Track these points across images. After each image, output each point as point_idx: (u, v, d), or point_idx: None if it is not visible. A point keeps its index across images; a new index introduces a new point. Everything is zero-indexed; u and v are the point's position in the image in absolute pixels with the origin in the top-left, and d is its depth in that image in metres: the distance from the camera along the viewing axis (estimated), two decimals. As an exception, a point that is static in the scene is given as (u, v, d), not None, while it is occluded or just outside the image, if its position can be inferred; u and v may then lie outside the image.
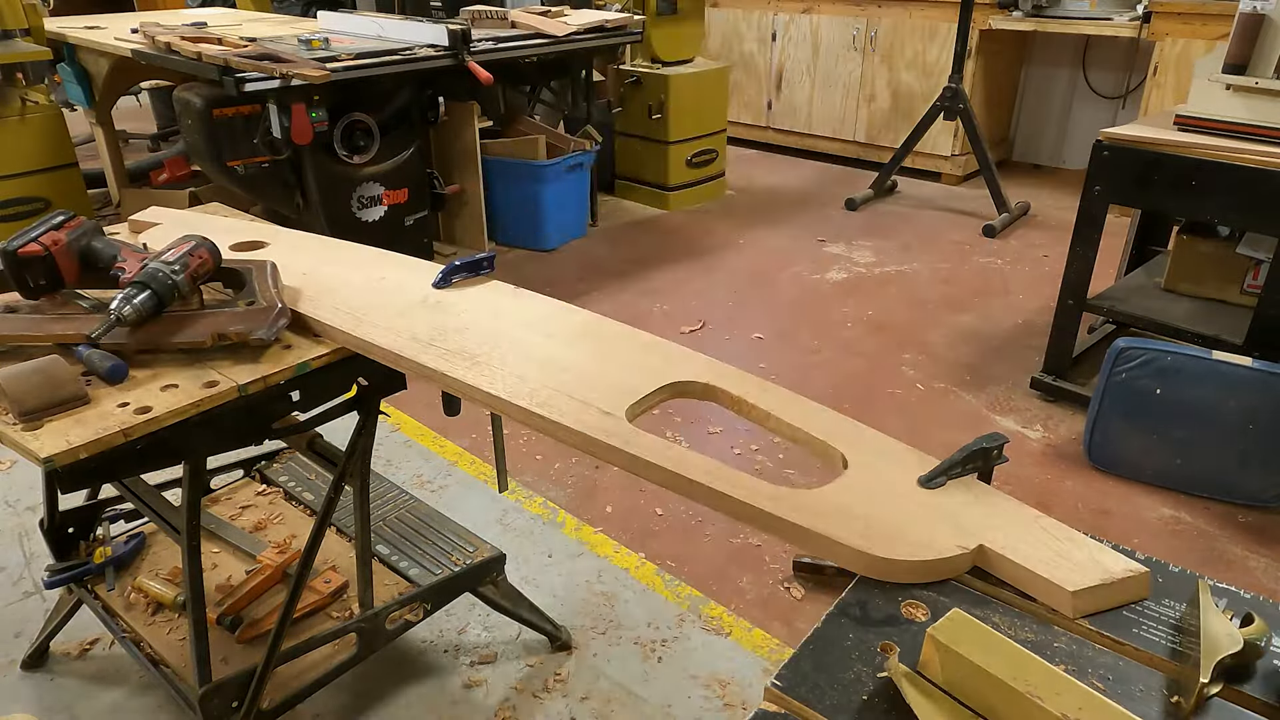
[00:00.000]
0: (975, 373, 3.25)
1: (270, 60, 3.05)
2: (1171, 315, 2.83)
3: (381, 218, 3.73)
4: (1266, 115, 2.46)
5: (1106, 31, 4.64)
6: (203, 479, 1.71)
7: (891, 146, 5.29)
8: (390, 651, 1.96)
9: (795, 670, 0.79)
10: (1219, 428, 2.42)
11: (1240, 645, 0.75)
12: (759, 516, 0.95)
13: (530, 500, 2.52)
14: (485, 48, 3.68)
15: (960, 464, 0.95)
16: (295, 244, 1.65)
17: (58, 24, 4.20)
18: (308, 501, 2.03)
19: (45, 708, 1.85)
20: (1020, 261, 4.31)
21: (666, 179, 4.96)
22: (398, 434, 2.84)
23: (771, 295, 3.91)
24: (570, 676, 1.94)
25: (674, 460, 1.00)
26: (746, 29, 5.98)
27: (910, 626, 0.84)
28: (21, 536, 2.35)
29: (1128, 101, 5.34)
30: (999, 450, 0.96)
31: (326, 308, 1.37)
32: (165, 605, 1.74)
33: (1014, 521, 0.93)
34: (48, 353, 1.21)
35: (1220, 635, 0.76)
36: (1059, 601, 0.84)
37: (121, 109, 5.00)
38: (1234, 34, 2.49)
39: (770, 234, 4.65)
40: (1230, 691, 0.75)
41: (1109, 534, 1.22)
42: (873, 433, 1.10)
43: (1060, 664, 0.78)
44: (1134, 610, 0.85)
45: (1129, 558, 0.88)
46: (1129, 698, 0.75)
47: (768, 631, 2.06)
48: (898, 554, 0.88)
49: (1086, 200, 2.76)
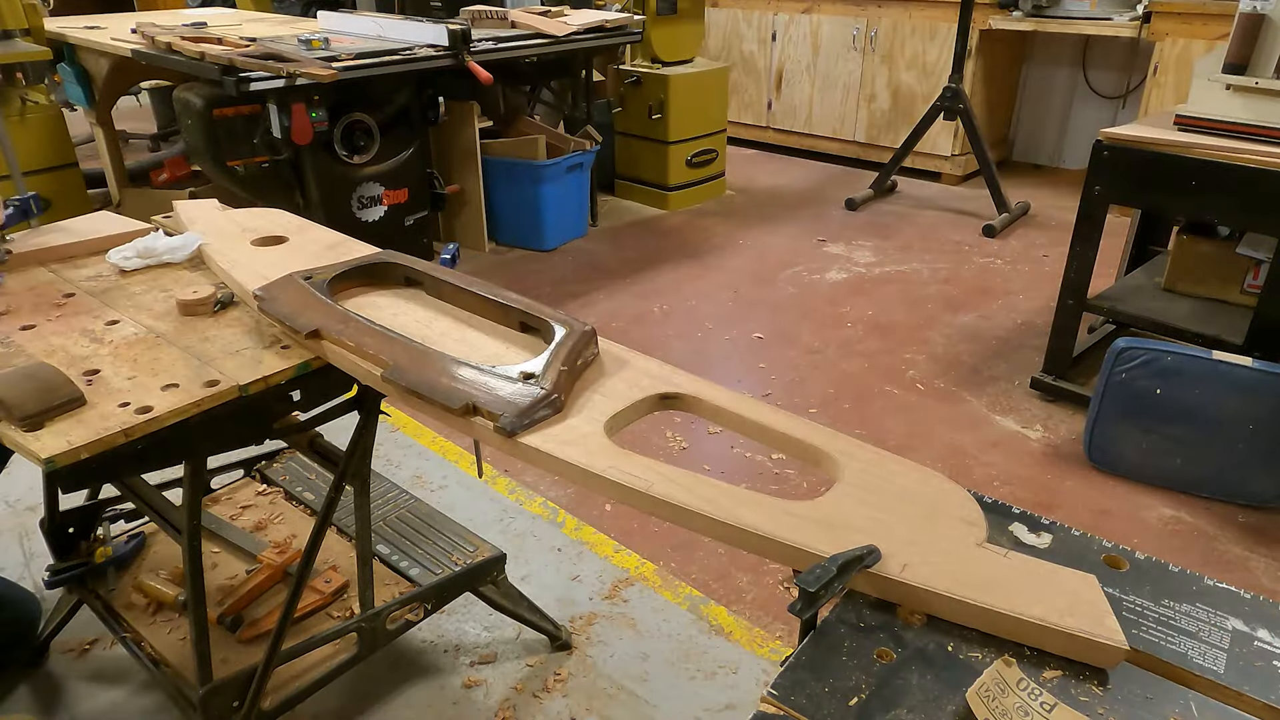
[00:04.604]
0: (975, 373, 3.25)
1: (275, 60, 3.05)
2: (1171, 315, 2.83)
3: (381, 218, 3.73)
4: (1266, 115, 2.46)
5: (1106, 31, 4.64)
6: (203, 479, 1.71)
7: (891, 146, 5.29)
8: (390, 651, 1.96)
9: (791, 678, 0.78)
10: (1219, 428, 2.42)
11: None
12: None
13: (530, 500, 2.52)
14: (485, 48, 3.69)
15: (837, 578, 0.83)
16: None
17: (58, 24, 4.20)
18: (308, 501, 2.03)
19: (45, 708, 1.85)
20: (1020, 261, 4.31)
21: (666, 179, 4.96)
22: (398, 434, 2.84)
23: (771, 295, 3.91)
24: (570, 676, 1.94)
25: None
26: (746, 29, 5.98)
27: (906, 633, 0.83)
28: (21, 536, 2.35)
29: (1128, 101, 5.34)
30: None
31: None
32: (166, 605, 1.74)
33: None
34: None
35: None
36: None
37: (121, 109, 5.00)
38: (1234, 34, 2.49)
39: (770, 234, 4.65)
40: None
41: (1109, 534, 1.21)
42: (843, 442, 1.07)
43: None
44: (1132, 611, 0.85)
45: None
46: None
47: (768, 632, 2.06)
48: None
49: (1086, 200, 2.76)
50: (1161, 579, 0.90)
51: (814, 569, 0.81)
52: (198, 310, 1.42)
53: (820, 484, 2.46)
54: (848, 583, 0.84)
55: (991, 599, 0.82)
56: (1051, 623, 0.80)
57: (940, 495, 0.98)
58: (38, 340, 1.31)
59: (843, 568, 0.83)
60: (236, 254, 1.56)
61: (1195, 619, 0.85)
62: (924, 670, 0.79)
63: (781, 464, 2.68)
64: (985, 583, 0.84)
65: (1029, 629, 0.81)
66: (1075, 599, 0.82)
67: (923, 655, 0.81)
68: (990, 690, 0.73)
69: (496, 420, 1.05)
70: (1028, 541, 0.94)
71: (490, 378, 1.13)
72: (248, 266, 1.49)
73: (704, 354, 3.40)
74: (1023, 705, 0.72)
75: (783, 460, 2.68)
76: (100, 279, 1.55)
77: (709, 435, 2.85)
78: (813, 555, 0.87)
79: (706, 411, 1.16)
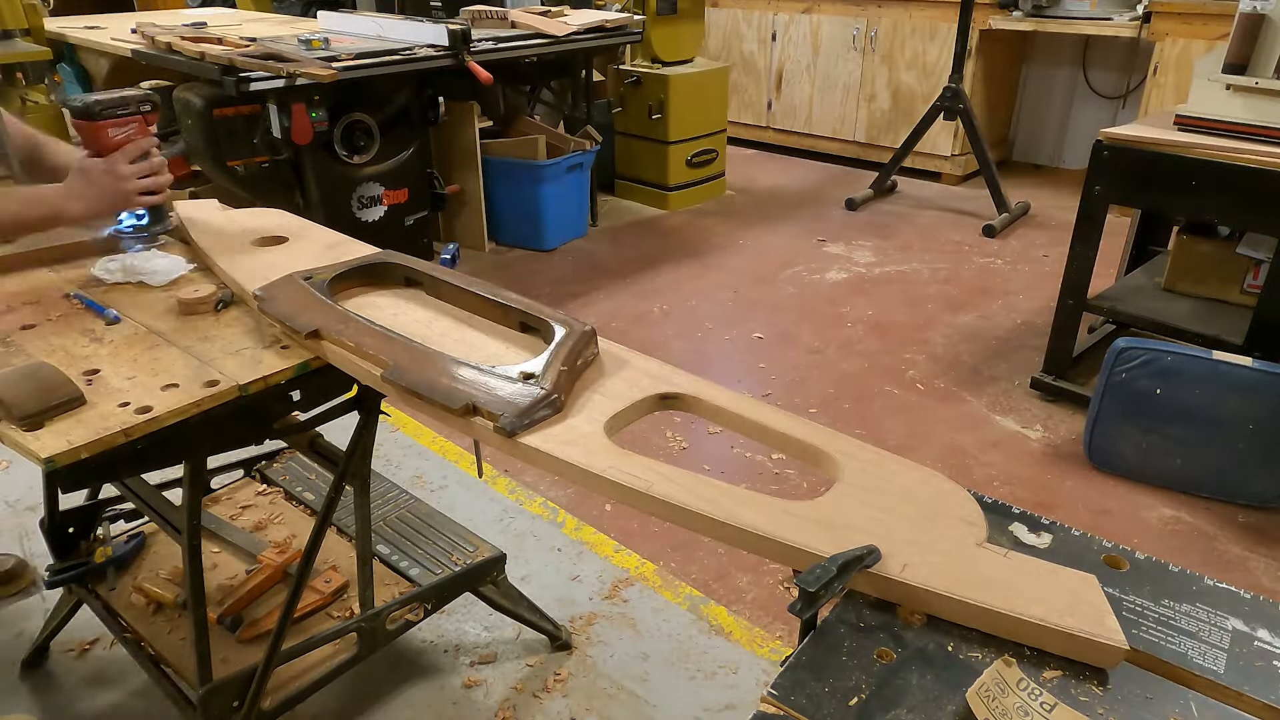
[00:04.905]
0: (975, 373, 3.25)
1: (275, 60, 3.05)
2: (1171, 315, 2.83)
3: (381, 218, 3.73)
4: (1266, 115, 2.46)
5: (1106, 31, 4.64)
6: (203, 479, 1.71)
7: (891, 146, 5.29)
8: (390, 651, 1.96)
9: (791, 678, 0.78)
10: (1219, 428, 2.42)
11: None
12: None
13: (530, 500, 2.52)
14: (485, 48, 3.69)
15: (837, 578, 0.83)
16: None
17: (58, 24, 4.20)
18: (308, 501, 2.03)
19: (45, 708, 1.85)
20: (1020, 261, 4.31)
21: (666, 179, 4.95)
22: (398, 434, 2.84)
23: (771, 295, 3.91)
24: (570, 676, 1.94)
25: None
26: (746, 29, 5.98)
27: (906, 633, 0.83)
28: (21, 536, 2.35)
29: (1128, 101, 5.34)
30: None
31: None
32: (166, 605, 1.74)
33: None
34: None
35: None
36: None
37: (121, 109, 4.98)
38: (1234, 34, 2.49)
39: (770, 234, 4.65)
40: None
41: (1109, 534, 1.21)
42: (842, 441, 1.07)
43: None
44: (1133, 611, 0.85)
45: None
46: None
47: (768, 632, 2.06)
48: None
49: (1086, 200, 2.76)
50: (1161, 579, 0.90)
51: (814, 569, 0.81)
52: (198, 310, 1.42)
53: (820, 484, 2.46)
54: (848, 583, 0.84)
55: (991, 599, 0.82)
56: (1051, 623, 0.80)
57: (940, 495, 0.98)
58: (38, 340, 1.31)
59: (843, 568, 0.82)
60: (236, 254, 1.56)
61: (1195, 619, 0.85)
62: (924, 670, 0.79)
63: (781, 464, 2.68)
64: (985, 583, 0.84)
65: (1029, 629, 0.81)
66: (1075, 599, 0.82)
67: (923, 655, 0.81)
68: (990, 690, 0.73)
69: (496, 420, 1.05)
70: (1028, 541, 0.94)
71: (490, 378, 1.13)
72: (248, 266, 1.49)
73: (704, 354, 3.40)
74: (1023, 705, 0.72)
75: (783, 460, 2.68)
76: (101, 279, 1.55)
77: (709, 435, 2.85)
78: (813, 555, 0.87)
79: (706, 411, 1.16)
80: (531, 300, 1.34)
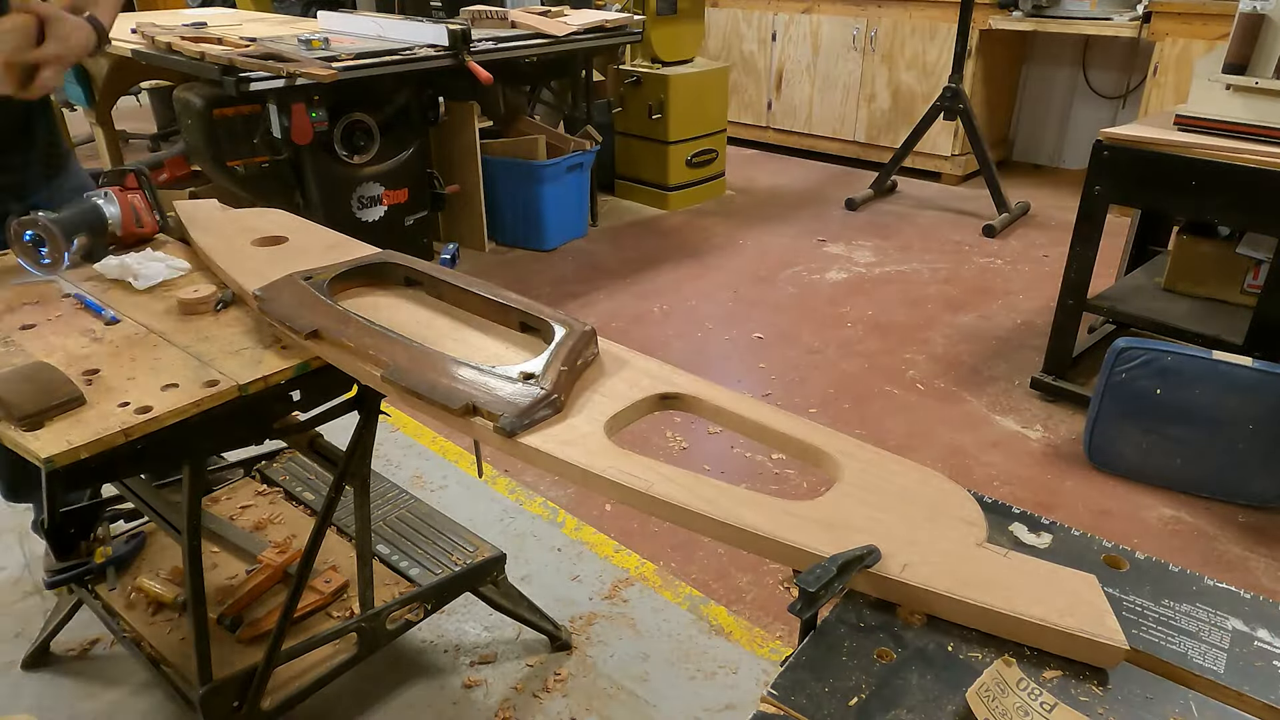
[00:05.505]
0: (975, 373, 3.25)
1: (275, 60, 3.05)
2: (1171, 315, 2.83)
3: (381, 218, 3.73)
4: (1266, 115, 2.46)
5: (1106, 31, 4.64)
6: (203, 479, 1.71)
7: (891, 146, 5.29)
8: (390, 651, 1.96)
9: (791, 678, 0.78)
10: (1219, 428, 2.42)
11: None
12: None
13: (530, 500, 2.52)
14: (485, 48, 3.69)
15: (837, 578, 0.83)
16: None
17: (58, 24, 4.19)
18: (308, 501, 2.03)
19: (45, 708, 1.85)
20: (1020, 261, 4.31)
21: (666, 179, 4.96)
22: (398, 434, 2.84)
23: (771, 295, 3.91)
24: (570, 676, 1.94)
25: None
26: (746, 29, 5.98)
27: (906, 633, 0.83)
28: (21, 536, 2.35)
29: (1128, 101, 5.34)
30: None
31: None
32: (166, 605, 1.74)
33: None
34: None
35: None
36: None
37: (121, 109, 4.99)
38: (1234, 34, 2.49)
39: (770, 234, 4.65)
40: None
41: (1109, 534, 1.21)
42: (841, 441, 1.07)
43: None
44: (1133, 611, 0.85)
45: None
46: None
47: (768, 632, 2.06)
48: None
49: (1086, 200, 2.76)
50: (1161, 579, 0.90)
51: (814, 569, 0.81)
52: (198, 310, 1.42)
53: (820, 484, 2.46)
54: (848, 583, 0.84)
55: (991, 599, 0.82)
56: (1051, 622, 0.80)
57: (940, 495, 0.98)
58: (37, 340, 1.31)
59: (843, 568, 0.82)
60: (236, 254, 1.56)
61: (1195, 619, 0.84)
62: (924, 670, 0.79)
63: (781, 464, 2.68)
64: (985, 583, 0.84)
65: (1029, 629, 0.81)
66: (1075, 599, 0.82)
67: (923, 655, 0.81)
68: (990, 690, 0.73)
69: (496, 420, 1.05)
70: (1028, 541, 0.94)
71: (490, 378, 1.13)
72: (247, 267, 1.49)
73: (704, 354, 3.40)
74: (1023, 705, 0.72)
75: (783, 460, 2.68)
76: (101, 278, 1.55)
77: (709, 435, 2.85)
78: (813, 555, 0.87)
79: (706, 411, 1.16)
80: (531, 300, 1.34)
